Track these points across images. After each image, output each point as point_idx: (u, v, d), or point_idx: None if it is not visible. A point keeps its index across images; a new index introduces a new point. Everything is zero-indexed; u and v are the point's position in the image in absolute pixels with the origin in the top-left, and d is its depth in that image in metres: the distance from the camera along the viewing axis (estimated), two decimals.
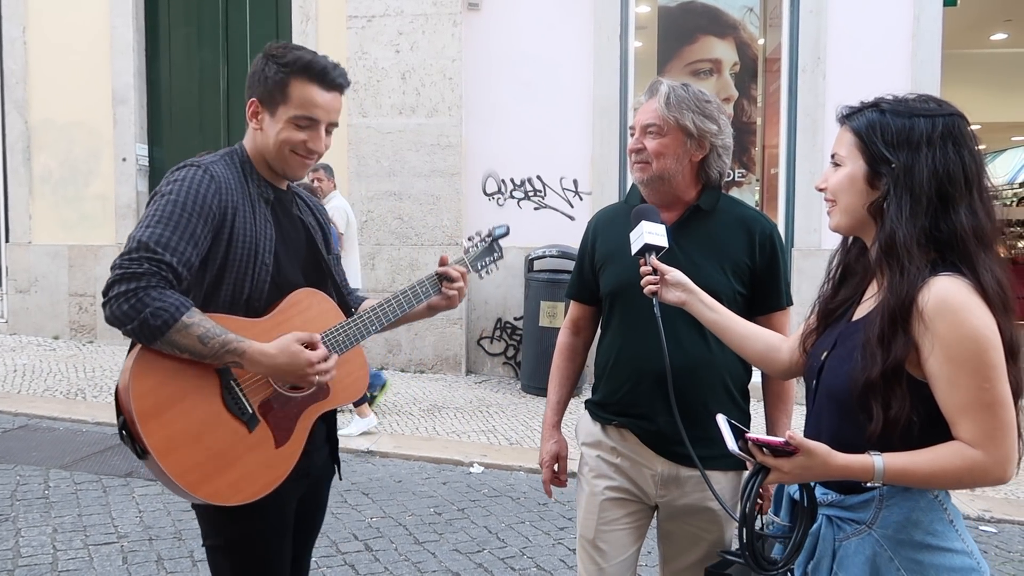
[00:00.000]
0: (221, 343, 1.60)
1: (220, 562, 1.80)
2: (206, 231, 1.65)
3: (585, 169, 6.83)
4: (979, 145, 1.38)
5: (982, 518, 4.17)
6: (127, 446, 1.65)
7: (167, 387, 1.61)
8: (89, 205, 7.77)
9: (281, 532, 1.82)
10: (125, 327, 1.57)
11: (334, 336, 1.79)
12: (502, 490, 4.37)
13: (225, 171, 1.73)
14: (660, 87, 1.90)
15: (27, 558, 3.33)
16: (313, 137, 1.76)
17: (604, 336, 2.05)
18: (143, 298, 1.55)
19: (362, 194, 6.95)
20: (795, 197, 6.57)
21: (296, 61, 1.72)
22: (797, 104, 6.51)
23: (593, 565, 1.97)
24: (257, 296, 1.73)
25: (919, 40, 6.30)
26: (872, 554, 1.35)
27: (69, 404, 5.62)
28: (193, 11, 7.76)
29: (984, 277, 1.30)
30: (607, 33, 6.70)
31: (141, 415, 1.57)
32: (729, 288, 1.88)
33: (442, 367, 6.92)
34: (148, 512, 3.84)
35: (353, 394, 1.91)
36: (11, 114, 7.86)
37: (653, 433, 1.90)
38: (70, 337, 7.76)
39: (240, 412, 1.67)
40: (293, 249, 1.84)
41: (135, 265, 1.57)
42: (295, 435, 1.75)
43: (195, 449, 1.62)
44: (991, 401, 1.26)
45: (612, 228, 2.02)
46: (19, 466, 4.41)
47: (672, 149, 1.88)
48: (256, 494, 1.69)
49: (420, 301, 1.92)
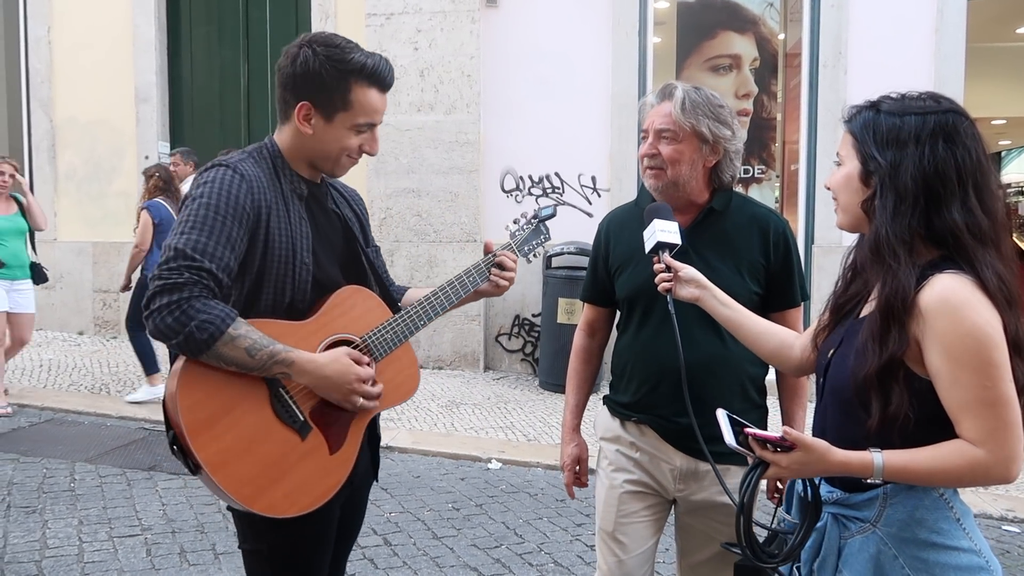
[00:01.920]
0: (269, 354, 1.55)
1: (259, 567, 1.75)
2: (242, 233, 1.59)
3: (603, 166, 6.82)
4: (981, 141, 1.36)
5: (1005, 517, 4.12)
6: (179, 460, 1.60)
7: (216, 398, 1.56)
8: (112, 202, 7.87)
9: (325, 540, 1.78)
10: (171, 341, 1.51)
11: (381, 336, 1.74)
12: (520, 486, 4.39)
13: (255, 169, 1.66)
14: (674, 91, 1.89)
15: (54, 549, 3.40)
16: (370, 140, 1.72)
17: (622, 337, 2.06)
18: (187, 310, 1.50)
19: (381, 191, 6.99)
20: (815, 193, 6.51)
21: (356, 65, 1.65)
22: (818, 100, 6.45)
23: (613, 557, 1.99)
24: (300, 298, 1.67)
25: (942, 34, 6.22)
26: (876, 552, 1.35)
27: (94, 399, 5.71)
28: (214, 10, 7.84)
29: (984, 273, 1.30)
30: (625, 29, 6.68)
31: (191, 429, 1.52)
32: (745, 289, 1.88)
33: (460, 363, 6.94)
34: (171, 505, 3.89)
35: (405, 393, 1.83)
36: (36, 112, 7.98)
37: (673, 430, 1.91)
38: (94, 333, 7.88)
39: (291, 420, 1.62)
40: (331, 245, 1.78)
41: (175, 275, 1.51)
42: (349, 439, 1.70)
43: (248, 461, 1.56)
44: (993, 399, 1.26)
45: (625, 232, 2.02)
46: (45, 459, 4.49)
47: (687, 155, 1.88)
48: (312, 504, 1.64)
49: (467, 291, 1.86)
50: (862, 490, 1.38)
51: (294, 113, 1.68)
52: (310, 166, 1.76)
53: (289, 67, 1.67)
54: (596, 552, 2.08)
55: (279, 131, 1.75)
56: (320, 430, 1.66)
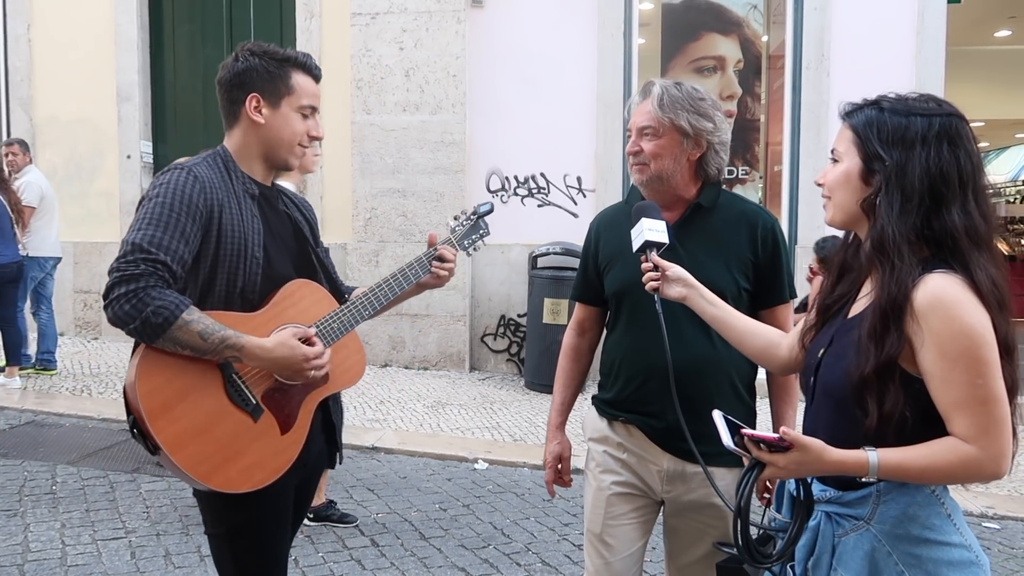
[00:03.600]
0: (220, 339, 1.66)
1: (221, 549, 1.86)
2: (195, 229, 1.71)
3: (589, 166, 6.84)
4: (978, 145, 1.39)
5: (985, 515, 4.18)
6: (139, 443, 1.71)
7: (172, 384, 1.67)
8: (94, 202, 7.79)
9: (281, 520, 1.88)
10: (128, 327, 1.63)
11: (328, 324, 1.85)
12: (507, 486, 4.39)
13: (208, 171, 1.79)
14: (653, 88, 1.91)
15: (36, 553, 3.36)
16: (315, 125, 1.89)
17: (610, 335, 2.06)
18: (143, 297, 1.62)
19: (366, 192, 6.97)
20: (799, 194, 6.57)
21: (291, 56, 1.85)
22: (801, 101, 6.51)
23: (600, 559, 1.99)
24: (250, 289, 1.78)
25: (923, 37, 6.30)
26: (871, 549, 1.37)
27: (75, 400, 5.65)
28: (197, 8, 7.77)
29: (978, 275, 1.31)
30: (611, 30, 6.71)
31: (150, 413, 1.63)
32: (733, 284, 1.89)
33: (446, 364, 6.93)
34: (155, 507, 3.86)
35: (352, 378, 1.97)
36: (16, 111, 7.87)
37: (660, 430, 1.92)
38: (75, 334, 7.79)
39: (244, 403, 1.74)
40: (282, 242, 1.90)
41: (132, 267, 1.63)
42: (299, 421, 1.82)
43: (204, 441, 1.68)
44: (985, 397, 1.27)
45: (614, 229, 2.03)
46: (26, 462, 4.44)
47: (669, 150, 1.90)
48: (266, 479, 1.75)
49: (410, 283, 2.00)
50: (855, 488, 1.39)
51: (243, 109, 1.83)
52: (264, 162, 1.88)
53: (231, 69, 1.84)
54: (584, 553, 2.08)
55: (228, 137, 1.89)
56: (271, 412, 1.77)
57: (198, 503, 1.90)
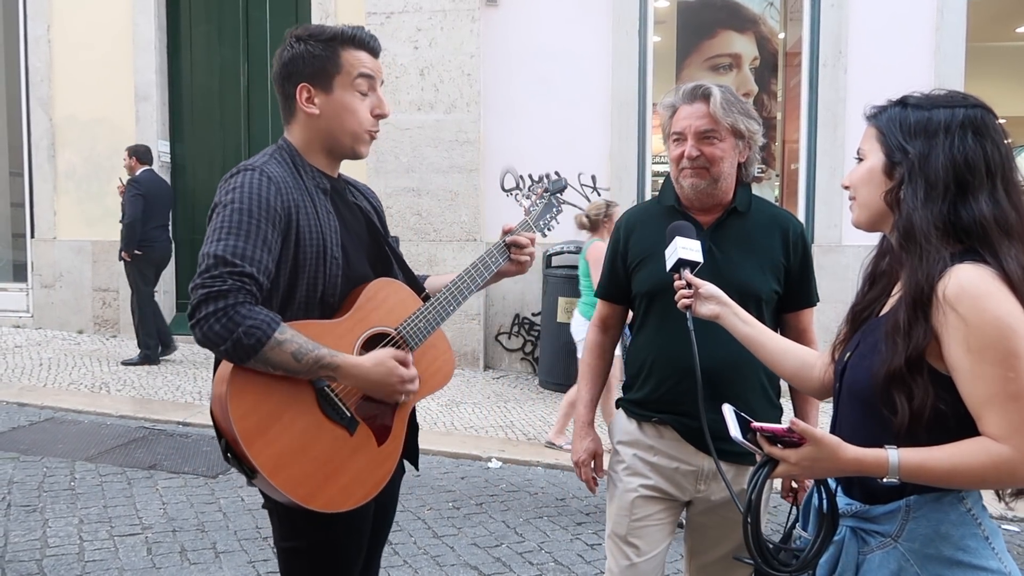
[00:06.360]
0: (315, 359, 1.56)
1: (299, 564, 1.76)
2: (276, 235, 1.60)
3: (603, 165, 6.82)
4: (1007, 139, 1.34)
5: (1004, 516, 4.13)
6: (234, 467, 1.61)
7: (265, 404, 1.57)
8: (112, 201, 7.83)
9: (363, 533, 1.81)
10: (219, 348, 1.52)
11: (415, 325, 1.76)
12: (520, 485, 4.39)
13: (279, 169, 1.66)
14: (711, 92, 1.91)
15: (54, 548, 3.40)
16: (378, 101, 1.73)
17: (639, 335, 2.04)
18: (234, 316, 1.50)
19: (380, 190, 6.98)
20: (815, 193, 6.51)
21: (337, 32, 1.69)
22: (818, 99, 6.45)
23: (625, 560, 1.98)
24: (331, 293, 1.68)
25: (943, 33, 6.23)
26: (897, 569, 1.28)
27: (94, 397, 5.71)
28: (214, 8, 7.83)
29: (1009, 265, 1.24)
30: (626, 28, 6.68)
31: (245, 437, 1.53)
32: (767, 288, 1.91)
33: (460, 362, 6.94)
34: (172, 504, 3.90)
35: (442, 380, 1.87)
36: (36, 111, 7.97)
37: (696, 429, 1.89)
38: (94, 331, 7.88)
39: (339, 417, 1.64)
40: (357, 237, 1.80)
41: (219, 282, 1.51)
42: (394, 430, 1.74)
43: (303, 461, 1.59)
44: (1018, 392, 1.18)
45: (646, 228, 2.02)
46: (45, 458, 4.49)
47: (729, 153, 1.92)
48: (368, 495, 1.68)
49: (491, 271, 1.90)
50: (883, 502, 1.31)
51: (296, 101, 1.69)
52: (328, 154, 1.76)
53: (279, 60, 1.71)
54: (606, 554, 2.07)
55: (289, 131, 1.76)
56: (367, 424, 1.69)
57: (270, 515, 1.78)
